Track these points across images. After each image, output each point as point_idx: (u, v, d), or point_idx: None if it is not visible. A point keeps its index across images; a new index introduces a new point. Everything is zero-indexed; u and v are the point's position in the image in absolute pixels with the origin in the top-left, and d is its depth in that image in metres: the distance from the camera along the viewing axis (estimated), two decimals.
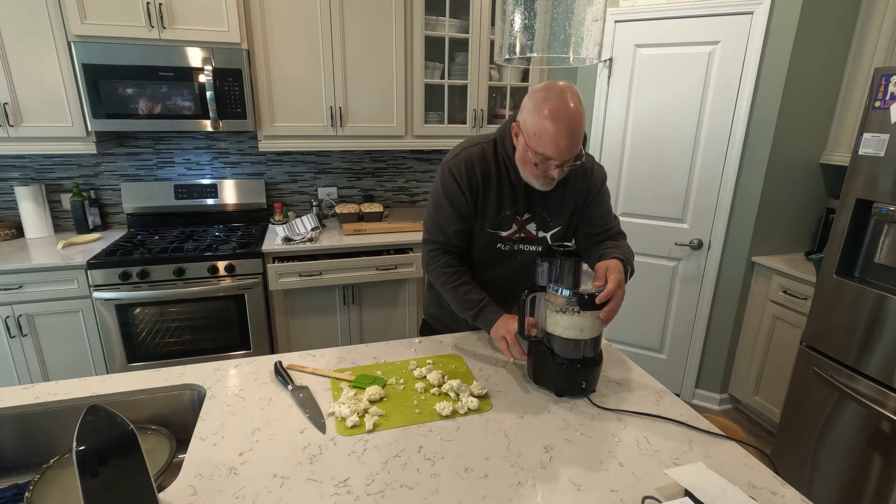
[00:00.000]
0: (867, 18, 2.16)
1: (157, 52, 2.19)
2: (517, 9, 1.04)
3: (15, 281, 2.10)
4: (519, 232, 1.33)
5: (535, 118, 1.11)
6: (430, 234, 1.35)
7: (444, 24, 2.63)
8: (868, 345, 1.71)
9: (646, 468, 0.91)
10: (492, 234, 1.32)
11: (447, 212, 1.30)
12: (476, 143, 1.30)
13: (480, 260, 1.36)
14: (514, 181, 1.27)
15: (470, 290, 1.29)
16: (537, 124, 1.11)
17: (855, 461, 1.77)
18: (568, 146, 1.11)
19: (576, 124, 1.10)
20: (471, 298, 1.28)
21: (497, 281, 1.37)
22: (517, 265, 1.36)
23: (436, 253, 1.34)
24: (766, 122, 2.26)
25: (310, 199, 2.96)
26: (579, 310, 1.07)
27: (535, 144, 1.13)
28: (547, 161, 1.14)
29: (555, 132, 1.09)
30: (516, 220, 1.31)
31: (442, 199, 1.30)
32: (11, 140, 2.21)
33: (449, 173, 1.27)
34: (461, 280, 1.30)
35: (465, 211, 1.29)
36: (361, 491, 0.84)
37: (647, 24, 2.40)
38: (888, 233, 1.69)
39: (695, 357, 2.67)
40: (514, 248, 1.34)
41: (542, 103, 1.11)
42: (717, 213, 2.45)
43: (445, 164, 1.29)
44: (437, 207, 1.32)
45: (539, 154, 1.13)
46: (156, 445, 1.02)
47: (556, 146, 1.10)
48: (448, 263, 1.32)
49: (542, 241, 1.35)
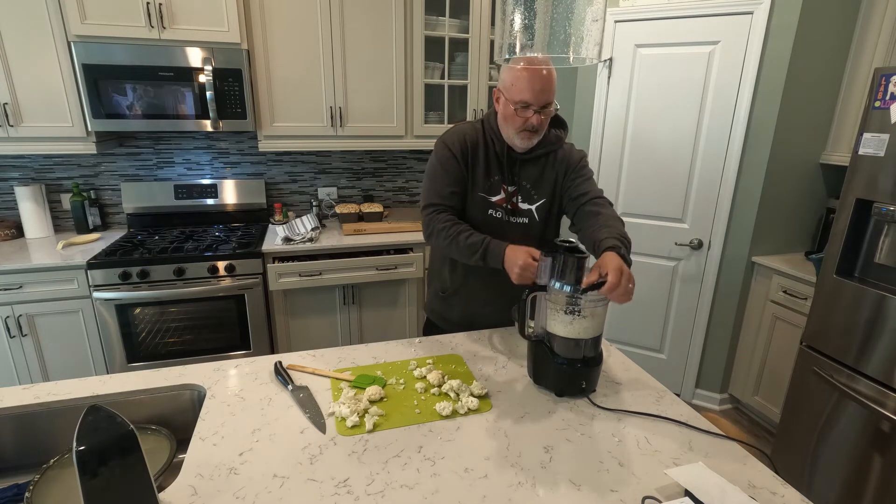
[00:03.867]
0: (867, 18, 2.16)
1: (157, 52, 2.19)
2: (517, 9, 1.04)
3: (15, 281, 2.10)
4: (507, 202, 1.41)
5: (511, 73, 1.27)
6: (427, 200, 1.42)
7: (444, 24, 2.63)
8: (868, 345, 1.71)
9: (646, 468, 0.91)
10: (483, 197, 1.41)
11: (441, 176, 1.39)
12: (466, 122, 1.46)
13: (473, 224, 1.40)
14: (499, 151, 1.40)
15: (470, 234, 1.32)
16: (513, 75, 1.26)
17: (855, 461, 1.77)
18: (542, 89, 1.25)
19: (546, 72, 1.25)
20: (473, 241, 1.30)
21: None
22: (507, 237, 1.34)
23: (433, 213, 1.39)
24: (766, 121, 2.26)
25: (310, 199, 2.96)
26: (579, 310, 1.07)
27: (514, 94, 1.27)
28: (526, 108, 1.27)
29: (529, 77, 1.24)
30: (503, 187, 1.41)
31: (437, 167, 1.40)
32: (11, 140, 2.21)
33: (443, 144, 1.40)
34: (460, 228, 1.33)
35: (458, 174, 1.39)
36: (361, 491, 0.84)
37: (647, 24, 2.40)
38: (888, 233, 1.69)
39: (695, 357, 2.67)
40: (505, 218, 1.42)
41: (518, 62, 1.27)
42: (717, 213, 2.45)
43: (440, 139, 1.43)
44: (432, 176, 1.41)
45: (518, 102, 1.27)
46: (156, 445, 1.02)
47: (531, 89, 1.24)
48: (445, 219, 1.36)
49: (529, 213, 1.43)
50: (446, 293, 1.53)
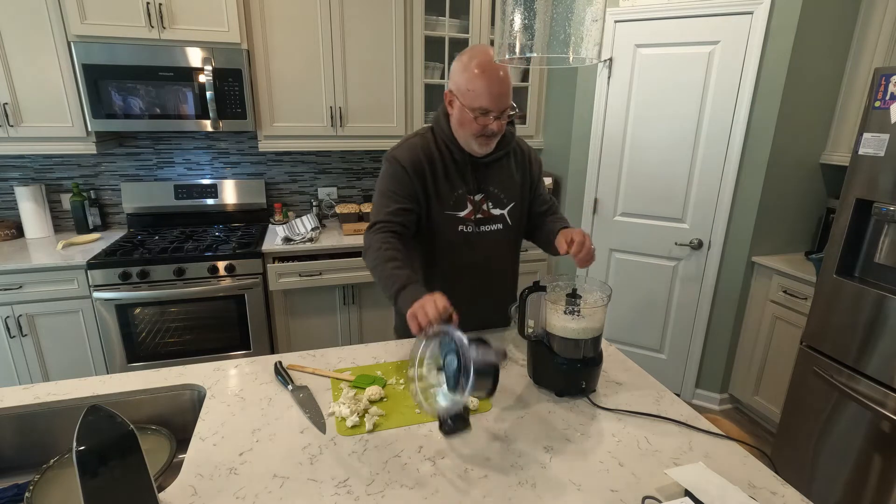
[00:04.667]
0: (867, 18, 2.16)
1: (157, 53, 2.19)
2: (517, 9, 1.04)
3: (15, 281, 2.10)
4: (476, 212, 1.35)
5: (465, 76, 1.19)
6: (373, 219, 1.29)
7: (444, 24, 2.63)
8: (868, 345, 1.71)
9: (646, 468, 0.91)
10: (451, 215, 1.33)
11: (389, 192, 1.28)
12: (415, 135, 1.36)
13: (446, 244, 1.35)
14: (458, 159, 1.31)
15: (399, 266, 1.17)
16: (469, 81, 1.18)
17: (855, 461, 1.77)
18: (500, 93, 1.18)
19: (504, 74, 1.18)
20: (395, 274, 1.15)
21: (467, 267, 1.37)
22: (483, 248, 1.37)
23: (375, 232, 1.24)
24: (765, 121, 2.26)
25: (310, 199, 2.96)
26: (579, 310, 1.07)
27: (471, 100, 1.19)
28: (486, 114, 1.20)
29: (487, 82, 1.17)
30: (469, 199, 1.34)
31: (385, 184, 1.30)
32: (11, 140, 2.21)
33: (393, 159, 1.30)
34: (393, 255, 1.18)
35: (409, 190, 1.28)
36: (361, 491, 0.84)
37: (647, 24, 2.40)
38: (888, 233, 1.69)
39: (695, 357, 2.67)
40: (477, 229, 1.35)
41: (470, 62, 1.19)
42: (717, 213, 2.45)
43: (389, 153, 1.32)
44: (379, 194, 1.31)
45: (476, 108, 1.19)
46: (156, 445, 1.02)
47: (489, 94, 1.17)
48: (383, 240, 1.22)
49: (501, 218, 1.38)
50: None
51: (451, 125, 1.29)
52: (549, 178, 2.91)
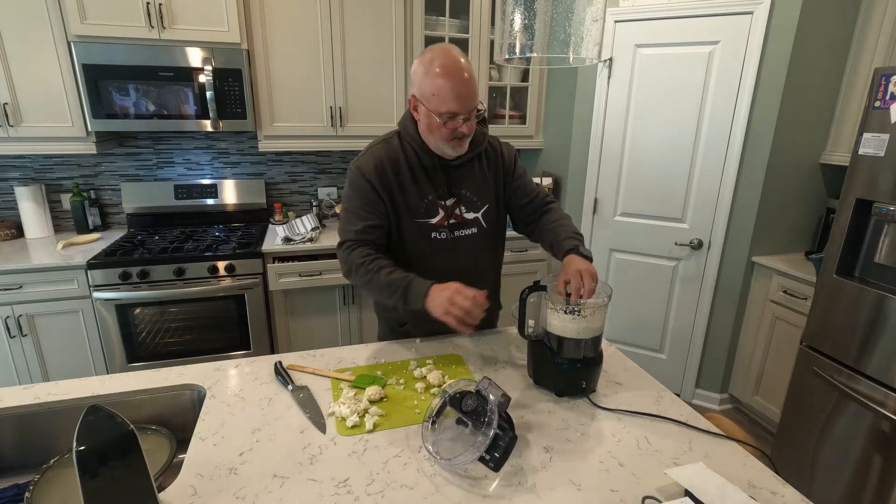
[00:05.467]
0: (867, 18, 2.16)
1: (157, 53, 2.19)
2: (517, 9, 1.04)
3: (15, 281, 2.10)
4: (449, 217, 1.31)
5: (428, 80, 1.14)
6: (342, 236, 1.28)
7: (444, 24, 2.63)
8: (868, 345, 1.71)
9: (646, 468, 0.91)
10: (421, 223, 1.29)
11: (356, 208, 1.26)
12: (380, 141, 1.31)
13: (420, 253, 1.32)
14: (427, 163, 1.27)
15: (392, 271, 1.19)
16: (433, 84, 1.13)
17: (855, 461, 1.77)
18: (467, 94, 1.14)
19: (469, 74, 1.14)
20: (394, 279, 1.17)
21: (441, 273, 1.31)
22: (460, 254, 1.33)
23: (348, 251, 1.25)
24: (765, 121, 2.26)
25: (310, 199, 2.96)
26: (579, 310, 1.07)
27: (437, 104, 1.14)
28: (454, 118, 1.16)
29: (452, 85, 1.12)
30: (440, 204, 1.30)
31: (351, 198, 1.27)
32: (11, 140, 2.21)
33: (357, 171, 1.26)
34: (381, 264, 1.20)
35: (376, 205, 1.25)
36: (361, 491, 0.84)
37: (646, 24, 2.40)
38: (888, 233, 1.69)
39: (695, 357, 2.67)
40: (451, 235, 1.32)
41: (431, 65, 1.14)
42: (717, 212, 2.45)
43: (353, 164, 1.27)
44: (346, 209, 1.28)
45: (444, 113, 1.15)
46: (156, 445, 1.02)
47: (456, 97, 1.13)
48: (363, 254, 1.23)
49: (476, 222, 1.34)
50: (404, 326, 1.41)
51: (420, 130, 1.24)
52: (549, 178, 2.91)
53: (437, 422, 0.95)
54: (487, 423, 0.86)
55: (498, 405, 0.89)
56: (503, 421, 0.89)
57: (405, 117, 1.29)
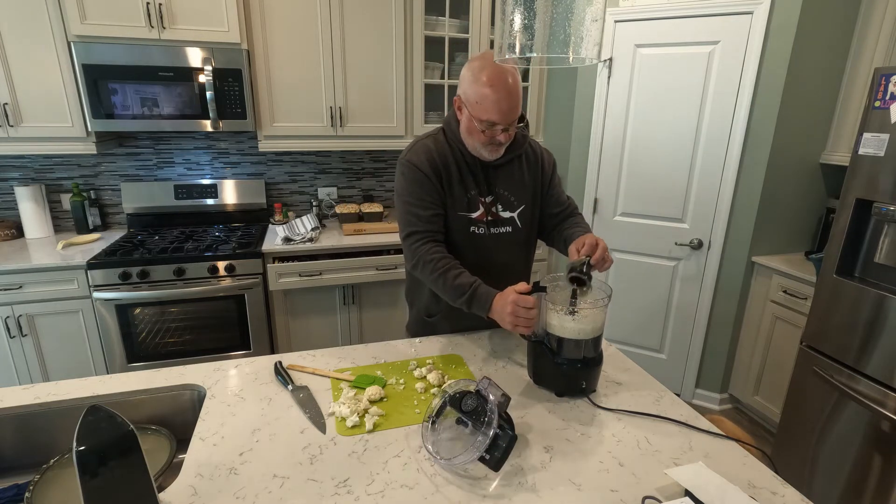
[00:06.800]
0: (867, 18, 2.16)
1: (156, 53, 2.19)
2: (517, 9, 1.04)
3: (15, 281, 2.10)
4: (487, 214, 1.35)
5: (475, 87, 1.17)
6: (408, 228, 1.30)
7: (444, 24, 2.63)
8: (868, 345, 1.71)
9: (646, 468, 0.91)
10: (463, 216, 1.33)
11: (418, 199, 1.29)
12: (427, 136, 1.35)
13: (460, 245, 1.35)
14: (470, 161, 1.32)
15: (459, 274, 1.23)
16: (478, 92, 1.17)
17: (855, 461, 1.77)
18: (510, 108, 1.17)
19: (514, 87, 1.17)
20: (461, 283, 1.21)
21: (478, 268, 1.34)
22: (495, 251, 1.37)
23: (418, 243, 1.28)
24: (765, 121, 2.26)
25: (310, 199, 2.96)
26: (579, 310, 1.07)
27: (479, 112, 1.18)
28: (493, 127, 1.19)
29: (496, 97, 1.15)
30: (481, 200, 1.34)
31: (411, 190, 1.29)
32: (11, 140, 2.21)
33: (409, 164, 1.29)
34: (449, 265, 1.24)
35: (436, 195, 1.29)
36: (361, 491, 0.84)
37: (647, 24, 2.40)
38: (888, 233, 1.69)
39: (695, 357, 2.67)
40: (488, 231, 1.35)
41: (480, 72, 1.17)
42: (717, 212, 2.45)
43: (403, 158, 1.31)
44: (406, 202, 1.30)
45: (484, 121, 1.19)
46: (156, 445, 1.02)
47: (498, 110, 1.16)
48: (433, 251, 1.26)
49: (511, 221, 1.37)
50: (432, 317, 1.46)
51: (461, 130, 1.29)
52: None
53: (437, 422, 0.95)
54: (487, 422, 0.86)
55: (498, 405, 0.89)
56: (503, 421, 0.89)
57: (450, 115, 1.33)
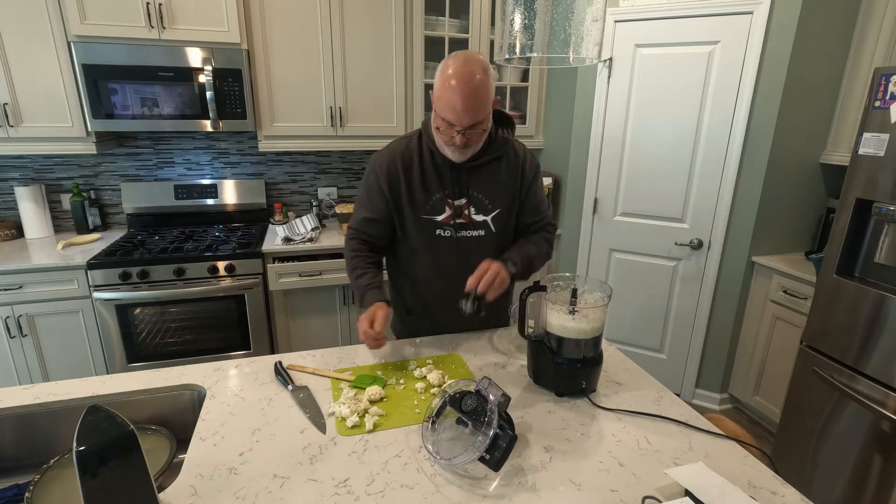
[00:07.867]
0: (867, 18, 2.16)
1: (156, 53, 2.19)
2: (517, 9, 1.05)
3: (15, 281, 2.10)
4: (456, 217, 1.32)
5: (439, 82, 1.14)
6: (350, 221, 1.40)
7: (444, 24, 2.63)
8: (868, 344, 1.71)
9: (646, 468, 0.91)
10: (427, 220, 1.32)
11: (363, 201, 1.36)
12: (402, 137, 1.36)
13: (423, 248, 1.35)
14: (440, 162, 1.29)
15: (362, 273, 1.30)
16: (439, 88, 1.14)
17: (855, 461, 1.77)
18: (464, 109, 1.11)
19: (473, 89, 1.10)
20: (359, 284, 1.29)
21: (447, 271, 1.35)
22: (462, 254, 1.34)
23: (349, 238, 1.38)
24: (765, 121, 2.26)
25: (310, 199, 2.96)
26: (579, 310, 1.07)
27: (439, 109, 1.15)
28: (450, 127, 1.15)
29: (451, 95, 1.11)
30: (448, 203, 1.31)
31: (364, 190, 1.37)
32: (11, 140, 2.21)
33: (371, 164, 1.34)
34: (356, 263, 1.32)
35: (377, 200, 1.32)
36: (361, 491, 0.84)
37: (647, 24, 2.40)
38: (888, 232, 1.69)
39: (695, 357, 2.67)
40: (456, 234, 1.33)
41: (445, 68, 1.13)
42: (717, 212, 2.45)
43: (372, 158, 1.35)
44: (359, 199, 1.39)
45: (442, 119, 1.15)
46: (156, 445, 1.02)
47: (452, 109, 1.11)
48: (353, 247, 1.35)
49: (484, 224, 1.35)
50: (411, 314, 1.47)
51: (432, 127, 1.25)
52: (548, 178, 2.91)
53: (437, 422, 0.95)
54: (487, 422, 0.86)
55: (498, 405, 0.89)
56: (503, 421, 0.89)
57: (428, 116, 1.30)
